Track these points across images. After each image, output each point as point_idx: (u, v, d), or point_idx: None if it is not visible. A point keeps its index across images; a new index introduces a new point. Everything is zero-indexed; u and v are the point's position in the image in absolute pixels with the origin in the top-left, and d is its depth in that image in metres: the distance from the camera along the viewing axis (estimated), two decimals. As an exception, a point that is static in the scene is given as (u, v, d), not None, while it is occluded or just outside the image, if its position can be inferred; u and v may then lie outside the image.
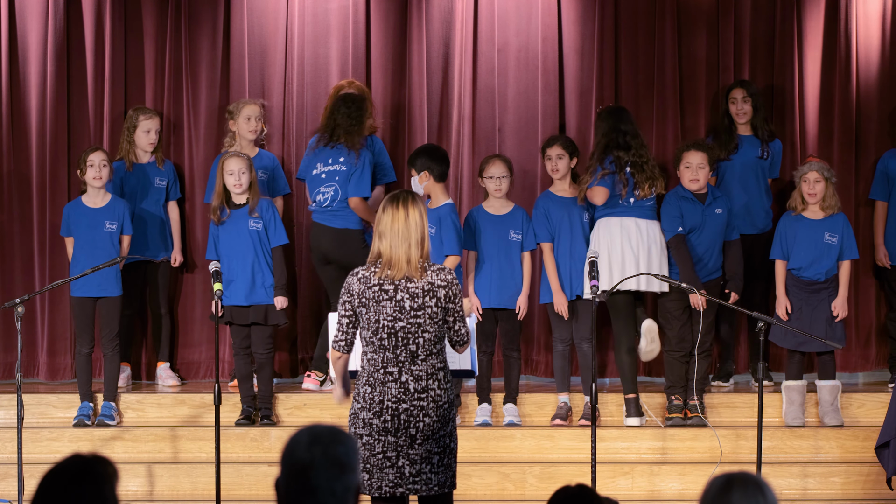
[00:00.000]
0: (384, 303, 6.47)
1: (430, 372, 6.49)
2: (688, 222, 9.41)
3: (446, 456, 6.54)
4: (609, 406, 9.57)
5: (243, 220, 9.39)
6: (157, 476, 9.12)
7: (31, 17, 10.38)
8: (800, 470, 9.06)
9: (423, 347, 6.48)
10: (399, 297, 6.47)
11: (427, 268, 6.52)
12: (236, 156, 9.41)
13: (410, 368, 6.47)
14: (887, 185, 10.15)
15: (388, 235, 6.49)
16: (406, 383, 6.46)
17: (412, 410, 6.45)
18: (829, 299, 9.46)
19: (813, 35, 10.40)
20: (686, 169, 9.42)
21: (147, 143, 10.02)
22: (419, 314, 6.47)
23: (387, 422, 6.45)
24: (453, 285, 6.53)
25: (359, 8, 10.48)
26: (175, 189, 10.21)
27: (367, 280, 6.51)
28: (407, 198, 6.54)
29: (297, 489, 3.89)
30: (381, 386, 6.47)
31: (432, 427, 6.47)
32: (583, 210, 9.48)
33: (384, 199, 6.62)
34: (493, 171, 9.41)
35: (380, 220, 6.54)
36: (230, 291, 9.34)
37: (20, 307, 8.32)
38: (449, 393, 6.55)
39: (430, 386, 6.48)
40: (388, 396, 6.46)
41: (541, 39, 10.45)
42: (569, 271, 9.45)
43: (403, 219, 6.49)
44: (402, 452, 6.46)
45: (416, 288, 6.47)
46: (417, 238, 6.49)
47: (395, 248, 6.47)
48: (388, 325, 6.46)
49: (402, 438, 6.46)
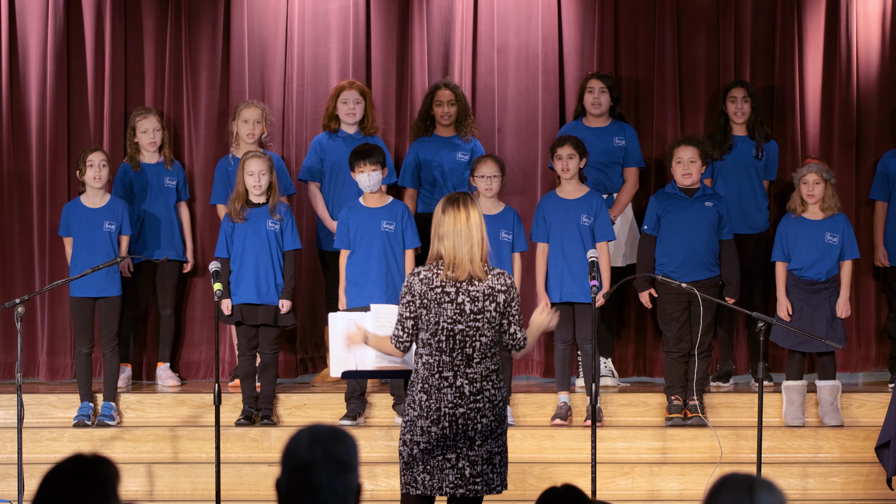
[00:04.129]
0: (445, 305, 6.50)
1: (485, 374, 6.53)
2: (670, 217, 9.42)
3: (505, 454, 6.61)
4: (610, 406, 9.57)
5: (262, 219, 9.40)
6: (157, 476, 9.11)
7: (31, 17, 10.38)
8: (800, 470, 9.06)
9: (478, 351, 6.51)
10: (460, 299, 6.50)
11: (488, 271, 6.55)
12: (257, 156, 9.39)
13: (465, 372, 6.50)
14: (887, 185, 10.15)
15: (451, 236, 6.52)
16: (461, 387, 6.50)
17: (469, 414, 6.49)
18: (829, 299, 9.46)
19: (813, 35, 10.41)
20: (678, 164, 9.45)
21: (147, 142, 10.01)
22: (479, 318, 6.50)
23: (445, 428, 6.49)
24: (512, 290, 6.58)
25: (359, 8, 10.48)
26: (185, 189, 10.19)
27: (429, 281, 6.53)
28: (466, 199, 6.59)
29: (298, 489, 3.89)
30: (436, 392, 6.50)
31: (490, 427, 6.52)
32: (582, 213, 9.45)
33: (442, 200, 6.64)
34: (484, 170, 9.41)
35: (441, 222, 6.56)
36: (241, 290, 9.35)
37: (20, 307, 8.32)
38: (502, 391, 6.59)
39: (484, 387, 6.52)
40: (445, 403, 6.49)
41: (541, 39, 10.45)
42: (560, 273, 9.44)
43: (465, 220, 6.52)
44: (461, 454, 6.50)
45: (476, 291, 6.51)
46: (479, 238, 6.54)
47: (459, 248, 6.50)
48: (448, 328, 6.50)
49: (462, 441, 6.50)
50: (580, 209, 9.46)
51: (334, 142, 10.01)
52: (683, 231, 9.42)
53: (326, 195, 9.99)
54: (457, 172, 9.95)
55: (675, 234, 9.44)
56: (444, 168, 9.96)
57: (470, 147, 9.99)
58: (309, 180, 10.04)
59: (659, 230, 9.49)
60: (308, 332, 10.46)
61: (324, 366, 10.36)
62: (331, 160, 9.98)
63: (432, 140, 10.02)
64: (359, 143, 9.90)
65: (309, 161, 10.03)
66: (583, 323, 9.38)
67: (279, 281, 9.42)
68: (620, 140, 10.04)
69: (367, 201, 9.41)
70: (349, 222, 9.37)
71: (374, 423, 9.50)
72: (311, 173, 10.02)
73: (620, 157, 10.06)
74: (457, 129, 10.00)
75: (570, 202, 9.49)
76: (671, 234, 9.45)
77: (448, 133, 10.01)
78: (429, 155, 9.92)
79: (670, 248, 9.46)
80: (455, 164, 9.96)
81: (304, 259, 10.32)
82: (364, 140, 9.92)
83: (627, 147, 10.05)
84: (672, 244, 9.45)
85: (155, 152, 10.06)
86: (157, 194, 10.06)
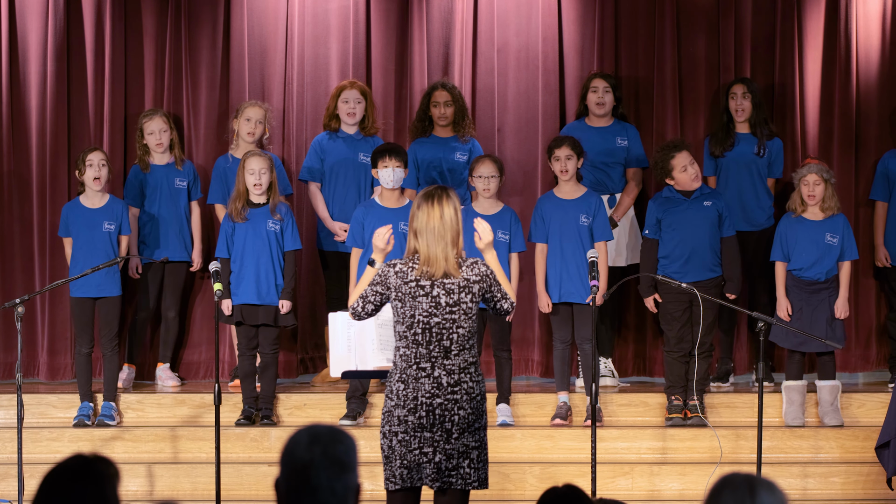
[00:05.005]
0: (420, 298, 6.55)
1: (463, 366, 6.57)
2: (670, 219, 9.42)
3: (483, 450, 6.64)
4: (610, 406, 9.57)
5: (262, 219, 9.39)
6: (157, 476, 9.11)
7: (31, 17, 10.38)
8: (800, 470, 9.06)
9: (456, 343, 6.56)
10: (435, 292, 6.56)
11: (462, 263, 6.60)
12: (258, 155, 9.38)
13: (443, 363, 6.55)
14: (887, 185, 10.15)
15: (425, 233, 6.58)
16: (439, 378, 6.55)
17: (446, 405, 6.53)
18: (829, 299, 9.46)
19: (813, 35, 10.41)
20: (683, 172, 9.40)
21: (154, 143, 9.99)
22: (454, 310, 6.56)
23: (422, 418, 6.53)
24: (488, 277, 6.65)
25: (359, 8, 10.48)
26: (196, 189, 10.17)
27: (404, 275, 6.58)
28: (441, 194, 6.64)
29: (297, 489, 3.89)
30: (414, 382, 6.55)
31: (467, 419, 6.56)
32: (581, 213, 9.45)
33: (418, 195, 6.69)
34: (482, 170, 9.40)
35: (415, 217, 6.62)
36: (241, 290, 9.35)
37: (20, 307, 8.32)
38: (481, 385, 6.64)
39: (462, 379, 6.57)
40: (422, 392, 6.54)
41: (541, 39, 10.45)
42: (558, 273, 9.44)
43: (438, 216, 6.58)
44: (438, 448, 6.53)
45: (452, 284, 6.57)
46: (453, 235, 6.59)
47: (433, 246, 6.57)
48: (424, 321, 6.55)
49: (439, 433, 6.53)
50: (579, 209, 9.45)
51: (334, 142, 10.00)
52: (685, 232, 9.42)
53: (326, 195, 9.99)
54: (456, 173, 9.95)
55: (677, 236, 9.44)
56: (443, 168, 9.96)
57: (468, 147, 9.99)
58: (309, 180, 10.03)
59: (660, 233, 9.48)
60: (308, 332, 10.46)
61: (324, 366, 10.36)
62: (331, 160, 9.97)
63: (430, 141, 10.01)
64: (359, 143, 9.92)
65: (309, 161, 10.02)
66: (582, 323, 9.37)
67: (279, 281, 9.41)
68: (623, 140, 10.04)
69: (384, 201, 9.33)
70: (364, 221, 9.26)
71: (374, 423, 9.49)
72: (312, 173, 10.01)
73: (623, 157, 10.06)
74: (454, 129, 10.00)
75: (569, 202, 9.49)
76: (672, 235, 9.45)
77: (446, 134, 10.01)
78: (427, 156, 9.92)
79: (672, 250, 9.45)
80: (454, 165, 9.96)
81: (304, 259, 10.32)
82: (365, 140, 9.93)
83: (630, 147, 10.05)
84: (674, 245, 9.44)
85: (164, 153, 10.05)
86: (167, 195, 10.03)
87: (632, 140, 10.05)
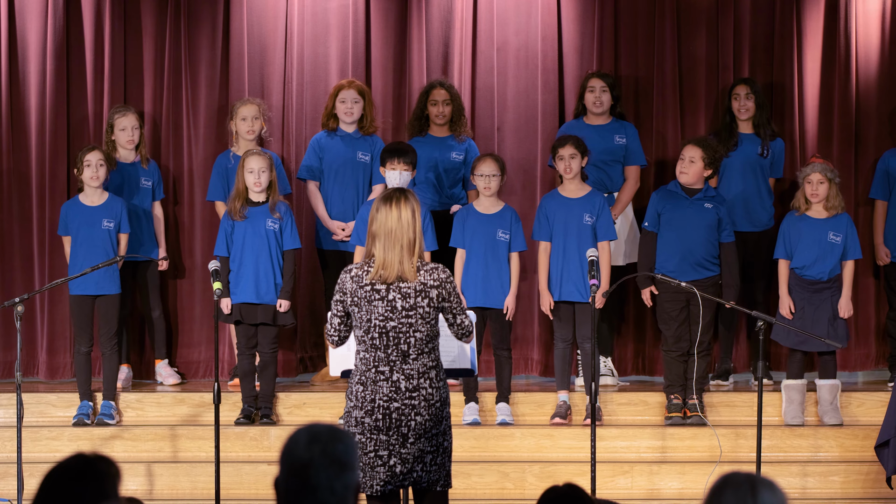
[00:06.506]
0: (375, 302, 6.46)
1: (422, 371, 6.48)
2: (669, 215, 9.43)
3: (439, 455, 6.52)
4: (609, 405, 9.57)
5: (261, 218, 9.39)
6: (157, 475, 9.11)
7: (30, 16, 10.38)
8: (799, 469, 9.06)
9: (414, 347, 6.47)
10: (391, 296, 6.46)
11: (420, 267, 6.49)
12: (257, 154, 9.38)
13: (402, 367, 6.46)
14: (888, 184, 10.15)
15: (382, 237, 6.47)
16: (397, 382, 6.45)
17: (403, 409, 6.44)
18: (831, 298, 9.46)
19: (812, 34, 10.41)
20: (680, 161, 9.46)
21: (125, 140, 9.95)
22: (411, 314, 6.45)
23: (378, 420, 6.44)
24: (447, 283, 6.51)
25: (358, 7, 10.48)
26: (159, 189, 10.15)
27: (359, 279, 6.50)
28: (399, 197, 6.51)
29: (296, 488, 3.89)
30: (372, 385, 6.47)
31: (424, 426, 6.46)
32: (585, 212, 9.44)
33: (377, 199, 6.60)
34: (484, 169, 9.40)
35: (373, 220, 6.51)
36: (240, 289, 9.34)
37: (20, 306, 8.32)
38: (441, 391, 6.53)
39: (421, 385, 6.47)
40: (380, 395, 6.45)
41: (540, 38, 10.45)
42: (560, 272, 9.44)
43: (396, 219, 6.47)
44: (393, 451, 6.46)
45: (408, 288, 6.46)
46: (410, 239, 6.47)
47: (388, 250, 6.45)
48: (380, 325, 6.45)
49: (395, 437, 6.45)
50: (583, 208, 9.45)
51: (333, 141, 10.00)
52: (681, 230, 9.42)
53: (325, 194, 9.98)
54: (452, 172, 9.94)
55: (673, 233, 9.44)
56: (440, 168, 9.96)
57: (464, 147, 9.98)
58: (308, 179, 10.03)
59: (659, 228, 9.49)
60: (307, 332, 10.45)
61: (323, 365, 10.36)
62: (329, 159, 9.97)
63: (427, 140, 10.00)
64: (358, 142, 9.91)
65: (308, 160, 10.02)
66: (583, 322, 9.37)
67: (278, 280, 9.41)
68: (621, 138, 10.04)
69: None
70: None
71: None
72: (310, 172, 10.01)
73: (621, 155, 10.06)
74: (451, 128, 10.00)
75: (573, 201, 9.48)
76: (669, 232, 9.46)
77: (442, 133, 10.01)
78: (424, 155, 9.91)
79: (667, 247, 9.46)
80: (450, 164, 9.95)
81: (304, 258, 10.31)
82: (363, 139, 9.93)
83: (628, 145, 10.05)
84: (669, 243, 9.45)
85: (132, 151, 10.02)
86: (134, 193, 10.02)
87: (630, 138, 10.05)
